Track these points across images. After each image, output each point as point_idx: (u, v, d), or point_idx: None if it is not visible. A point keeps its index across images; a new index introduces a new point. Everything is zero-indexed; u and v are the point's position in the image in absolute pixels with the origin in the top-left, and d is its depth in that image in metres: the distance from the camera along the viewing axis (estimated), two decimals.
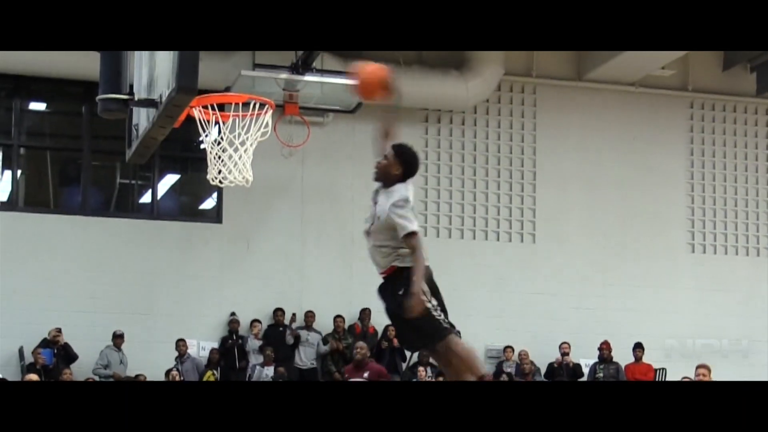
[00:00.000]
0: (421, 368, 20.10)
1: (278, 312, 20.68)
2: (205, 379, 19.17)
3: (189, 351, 20.00)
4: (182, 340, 19.89)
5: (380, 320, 21.24)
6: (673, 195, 23.61)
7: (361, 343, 16.89)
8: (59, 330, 19.23)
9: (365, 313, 21.23)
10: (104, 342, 19.65)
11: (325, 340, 20.75)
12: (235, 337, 20.37)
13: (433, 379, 19.25)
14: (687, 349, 22.55)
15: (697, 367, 14.45)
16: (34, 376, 16.53)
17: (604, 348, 21.49)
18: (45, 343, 19.22)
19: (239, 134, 13.71)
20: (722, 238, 23.83)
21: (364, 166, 21.82)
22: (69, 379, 18.11)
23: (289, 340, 20.46)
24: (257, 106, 13.55)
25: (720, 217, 23.87)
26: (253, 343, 20.30)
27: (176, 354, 19.82)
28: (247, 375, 19.75)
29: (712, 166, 23.96)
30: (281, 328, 20.62)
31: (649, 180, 23.41)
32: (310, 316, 20.90)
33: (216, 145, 14.14)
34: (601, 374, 21.10)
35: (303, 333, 20.69)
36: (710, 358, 21.87)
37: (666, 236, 23.43)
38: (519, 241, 22.83)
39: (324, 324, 20.95)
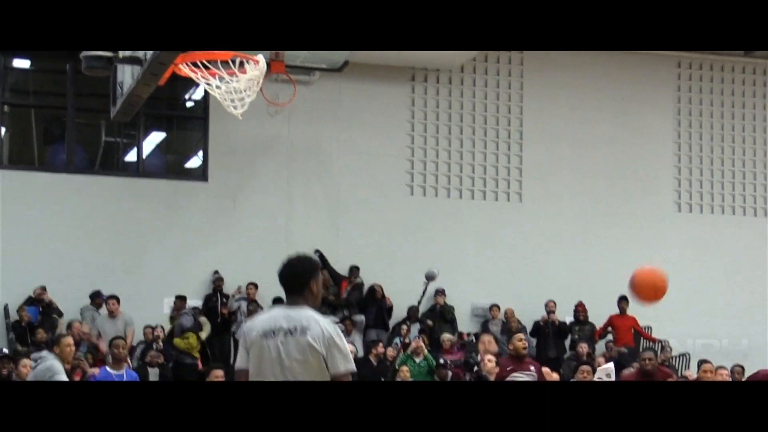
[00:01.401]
0: (404, 327, 20.11)
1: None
2: (185, 338, 19.01)
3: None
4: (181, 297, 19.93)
5: (368, 277, 21.28)
6: (660, 154, 23.60)
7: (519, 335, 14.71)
8: (44, 288, 19.19)
9: (353, 271, 21.26)
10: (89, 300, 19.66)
11: None
12: (219, 296, 20.34)
13: (418, 337, 19.26)
14: (672, 308, 22.58)
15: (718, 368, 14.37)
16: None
17: (580, 309, 21.54)
18: (30, 301, 19.18)
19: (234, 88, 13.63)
20: (709, 198, 23.85)
21: (350, 125, 21.89)
22: (42, 338, 17.81)
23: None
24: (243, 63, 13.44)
25: (707, 176, 23.88)
26: (234, 304, 20.29)
27: (165, 311, 19.90)
28: (232, 333, 19.81)
29: (699, 126, 23.95)
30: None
31: (637, 139, 23.39)
32: None
33: (217, 88, 14.02)
34: (577, 336, 21.14)
35: None
36: (695, 317, 22.01)
37: (653, 195, 23.44)
38: (506, 201, 22.81)
39: None
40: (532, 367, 13.18)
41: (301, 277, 6.98)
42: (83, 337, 18.49)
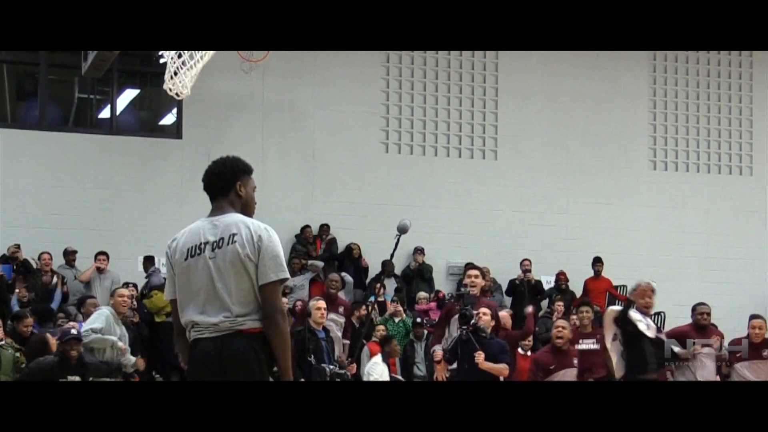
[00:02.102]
0: (377, 285, 20.12)
1: None
2: (151, 298, 18.81)
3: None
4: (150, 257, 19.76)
5: (343, 235, 21.26)
6: (635, 112, 23.61)
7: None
8: (18, 246, 19.07)
9: (323, 229, 21.25)
10: (63, 258, 19.55)
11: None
12: None
13: (395, 300, 19.34)
14: (648, 266, 22.63)
15: (751, 318, 14.16)
16: None
17: (561, 278, 21.55)
18: (4, 259, 19.08)
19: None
20: (684, 156, 23.88)
21: (324, 82, 21.77)
22: (24, 295, 17.86)
23: None
24: None
25: (682, 134, 23.89)
26: None
27: (140, 269, 19.80)
28: None
29: (675, 83, 23.93)
30: None
31: (612, 96, 23.38)
32: None
33: (177, 57, 13.93)
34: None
35: None
36: (670, 275, 22.07)
37: (628, 153, 23.46)
38: (481, 158, 22.78)
39: (285, 239, 20.93)
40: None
41: (227, 177, 6.33)
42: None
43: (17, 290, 17.97)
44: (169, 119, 21.84)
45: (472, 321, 11.92)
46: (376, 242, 20.93)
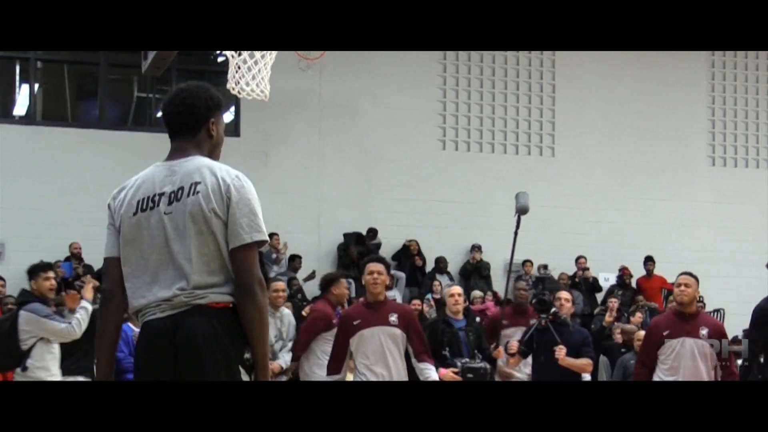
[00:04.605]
0: (436, 282, 20.14)
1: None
2: None
3: None
4: None
5: (400, 232, 21.28)
6: (693, 108, 23.45)
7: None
8: (78, 244, 19.28)
9: (369, 235, 21.23)
10: None
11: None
12: None
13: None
14: (706, 263, 22.48)
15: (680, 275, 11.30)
16: None
17: (625, 273, 21.46)
18: (68, 258, 19.32)
19: None
20: (743, 151, 23.69)
21: (382, 79, 21.80)
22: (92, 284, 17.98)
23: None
24: None
25: (741, 129, 23.71)
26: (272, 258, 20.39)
27: None
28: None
29: (733, 78, 23.76)
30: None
31: (670, 93, 23.23)
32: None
33: (237, 55, 13.99)
34: (618, 300, 21.01)
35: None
36: (728, 272, 21.89)
37: (686, 149, 23.31)
38: (538, 155, 22.73)
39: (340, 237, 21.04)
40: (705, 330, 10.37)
41: (199, 112, 4.97)
42: None
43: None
44: (226, 118, 21.95)
45: (553, 309, 10.99)
46: (432, 238, 20.98)
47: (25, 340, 10.52)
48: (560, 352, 10.63)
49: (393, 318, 9.80)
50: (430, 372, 9.76)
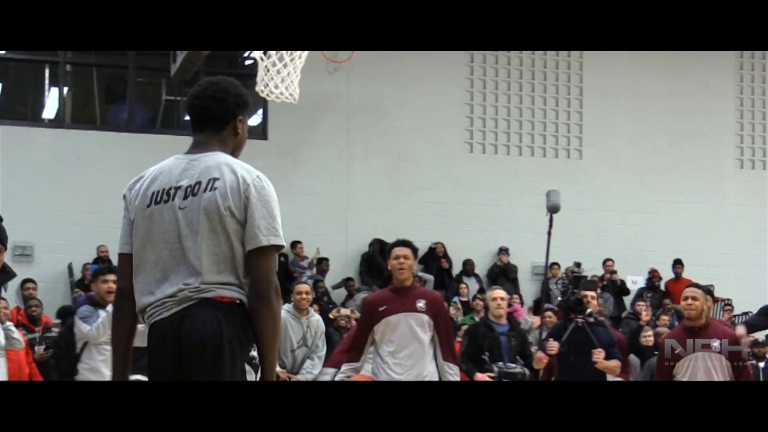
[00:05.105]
0: (463, 285, 20.16)
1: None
2: None
3: None
4: None
5: (427, 235, 21.27)
6: (721, 110, 23.37)
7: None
8: (105, 247, 19.37)
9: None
10: None
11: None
12: (277, 255, 20.33)
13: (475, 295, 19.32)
14: (733, 266, 22.39)
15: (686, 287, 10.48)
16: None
17: (654, 276, 21.41)
18: (95, 260, 19.40)
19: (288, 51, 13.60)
20: None
21: (409, 82, 21.82)
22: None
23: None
24: None
25: None
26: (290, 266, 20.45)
27: None
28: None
29: (762, 80, 23.67)
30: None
31: (698, 95, 23.16)
32: None
33: (266, 57, 14.04)
34: (647, 302, 20.97)
35: None
36: (756, 274, 21.78)
37: (714, 151, 23.23)
38: (566, 157, 22.71)
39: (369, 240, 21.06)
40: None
41: (228, 107, 4.87)
42: None
43: None
44: (254, 120, 22.01)
45: (588, 310, 10.75)
46: (460, 242, 20.99)
47: (76, 343, 10.58)
48: (599, 355, 10.47)
49: (420, 304, 9.37)
50: (452, 376, 9.40)
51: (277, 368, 11.06)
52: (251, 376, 4.57)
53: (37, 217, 19.68)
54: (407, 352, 9.26)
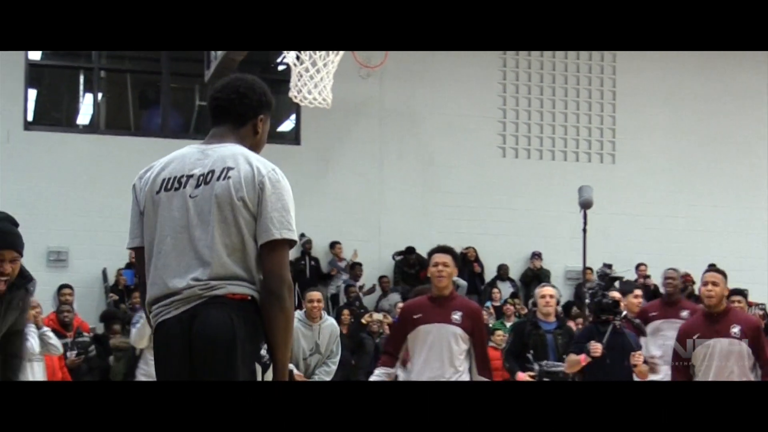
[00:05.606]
0: (495, 290, 20.15)
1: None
2: None
3: None
4: None
5: (460, 239, 21.25)
6: (755, 115, 23.25)
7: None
8: None
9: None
10: None
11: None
12: (308, 258, 20.47)
13: (508, 299, 19.31)
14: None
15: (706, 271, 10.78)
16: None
17: (687, 280, 21.31)
18: (129, 265, 19.48)
19: (321, 56, 13.63)
20: None
21: (442, 87, 21.84)
22: (137, 301, 18.19)
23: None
24: None
25: None
26: (328, 266, 20.50)
27: None
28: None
29: None
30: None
31: (731, 98, 23.07)
32: None
33: (299, 63, 14.08)
34: None
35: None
36: None
37: (748, 155, 23.11)
38: (599, 161, 22.66)
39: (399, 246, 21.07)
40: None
41: (251, 104, 4.75)
42: None
43: (133, 296, 18.31)
44: (287, 125, 22.08)
45: (624, 313, 10.51)
46: (493, 247, 20.97)
47: (135, 349, 10.67)
48: (638, 358, 10.27)
49: (456, 316, 9.14)
50: None
51: (294, 370, 11.04)
52: (260, 375, 4.50)
53: (72, 222, 19.79)
54: (437, 364, 9.10)
